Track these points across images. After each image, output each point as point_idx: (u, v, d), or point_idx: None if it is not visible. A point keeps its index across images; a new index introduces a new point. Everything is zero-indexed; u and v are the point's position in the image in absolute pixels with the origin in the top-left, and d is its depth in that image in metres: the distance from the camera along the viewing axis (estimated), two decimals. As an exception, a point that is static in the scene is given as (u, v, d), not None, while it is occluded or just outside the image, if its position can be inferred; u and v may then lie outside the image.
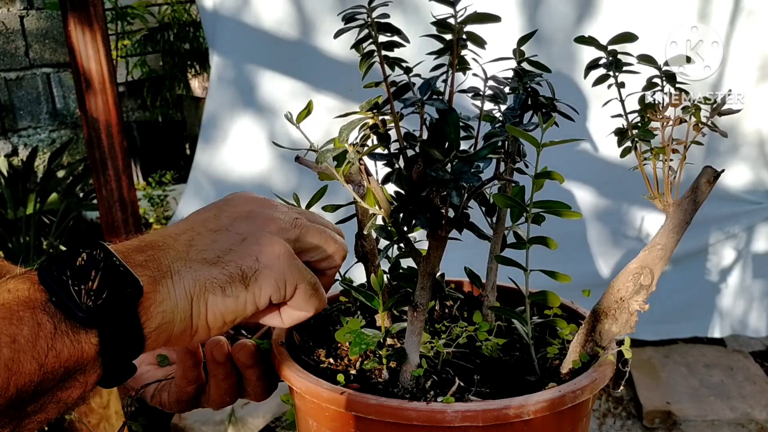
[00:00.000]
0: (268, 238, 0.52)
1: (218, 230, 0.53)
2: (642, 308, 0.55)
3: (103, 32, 2.20)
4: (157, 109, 4.00)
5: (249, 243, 0.52)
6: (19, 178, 3.02)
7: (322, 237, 0.57)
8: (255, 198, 0.57)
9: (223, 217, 0.54)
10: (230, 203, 0.56)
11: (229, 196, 0.58)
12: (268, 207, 0.56)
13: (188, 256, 0.50)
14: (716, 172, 0.54)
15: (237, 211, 0.55)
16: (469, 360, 0.62)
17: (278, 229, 0.54)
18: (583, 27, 2.05)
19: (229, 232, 0.52)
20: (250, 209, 0.55)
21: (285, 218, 0.55)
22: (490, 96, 0.60)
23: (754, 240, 2.24)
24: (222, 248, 0.51)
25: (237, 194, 0.58)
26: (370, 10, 0.49)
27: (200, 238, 0.52)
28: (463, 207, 0.52)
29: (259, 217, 0.54)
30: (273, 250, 0.52)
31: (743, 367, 2.33)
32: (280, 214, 0.56)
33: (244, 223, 0.54)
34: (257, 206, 0.56)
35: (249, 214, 0.54)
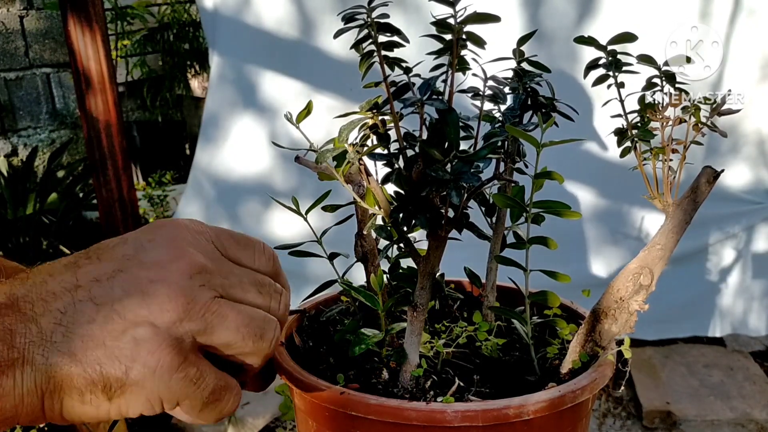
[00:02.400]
0: (149, 339, 0.40)
1: (103, 303, 0.41)
2: (642, 308, 0.55)
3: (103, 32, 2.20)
4: (157, 109, 4.00)
5: (125, 341, 0.40)
6: (18, 178, 3.02)
7: (238, 334, 0.43)
8: (174, 243, 0.43)
9: (117, 283, 0.41)
10: (140, 255, 0.43)
11: (146, 236, 0.44)
12: (182, 269, 0.42)
13: (51, 338, 0.39)
14: (716, 172, 0.54)
15: (138, 276, 0.42)
16: (468, 360, 0.62)
17: (175, 319, 0.41)
18: (584, 26, 2.05)
19: (113, 312, 0.41)
20: (154, 275, 0.42)
21: (194, 298, 0.42)
22: (489, 96, 0.60)
23: (753, 240, 2.24)
24: (94, 337, 0.40)
25: (156, 236, 0.44)
26: (369, 10, 0.49)
27: (76, 313, 0.40)
28: (463, 207, 0.52)
29: (158, 294, 0.41)
30: (149, 361, 0.40)
31: (743, 367, 2.33)
32: (190, 288, 0.42)
33: (136, 302, 0.41)
34: (167, 264, 0.42)
35: (149, 286, 0.41)
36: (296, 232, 2.22)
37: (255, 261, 0.48)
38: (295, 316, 0.68)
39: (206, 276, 0.43)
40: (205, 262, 0.43)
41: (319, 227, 0.69)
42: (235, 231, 0.48)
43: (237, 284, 0.45)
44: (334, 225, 0.70)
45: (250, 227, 2.40)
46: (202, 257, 0.43)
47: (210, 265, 0.44)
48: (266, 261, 0.48)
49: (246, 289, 0.45)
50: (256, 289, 0.46)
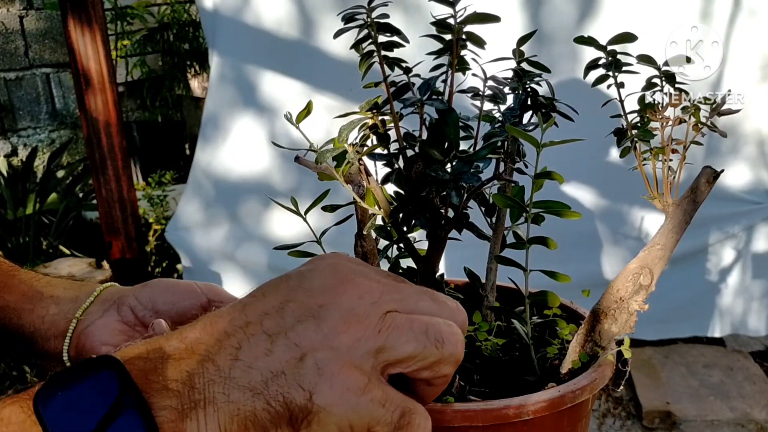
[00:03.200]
0: (331, 363, 0.39)
1: (276, 334, 0.40)
2: (641, 308, 0.55)
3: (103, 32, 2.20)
4: (157, 109, 4.00)
5: (306, 368, 0.39)
6: (18, 178, 3.02)
7: (419, 343, 0.41)
8: (337, 270, 0.42)
9: (287, 312, 0.40)
10: (304, 283, 0.42)
11: (310, 263, 0.44)
12: (349, 292, 0.41)
13: (230, 374, 0.38)
14: (715, 172, 0.54)
15: (306, 303, 0.41)
16: (468, 360, 0.62)
17: (353, 340, 0.40)
18: (584, 26, 2.05)
19: (288, 340, 0.39)
20: (322, 300, 0.41)
21: (367, 317, 0.40)
22: (489, 96, 0.60)
23: (753, 240, 2.24)
24: (272, 368, 0.39)
25: (319, 262, 0.44)
26: (369, 10, 0.49)
27: (251, 347, 0.39)
28: (463, 207, 0.52)
29: (331, 317, 0.40)
30: (334, 384, 0.39)
31: (743, 367, 2.33)
32: (362, 308, 0.41)
33: (310, 327, 0.40)
34: (333, 288, 0.41)
35: (320, 310, 0.40)
36: (296, 232, 2.22)
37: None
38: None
39: (375, 294, 0.42)
40: (371, 284, 0.42)
41: (318, 227, 0.69)
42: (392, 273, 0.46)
43: (408, 296, 0.43)
44: (334, 225, 0.70)
45: (250, 227, 2.41)
46: (366, 280, 0.42)
47: (376, 285, 0.42)
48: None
49: (418, 298, 0.43)
50: (429, 297, 0.44)
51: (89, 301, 0.67)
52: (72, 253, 2.88)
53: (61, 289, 0.69)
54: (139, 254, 2.45)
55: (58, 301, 0.68)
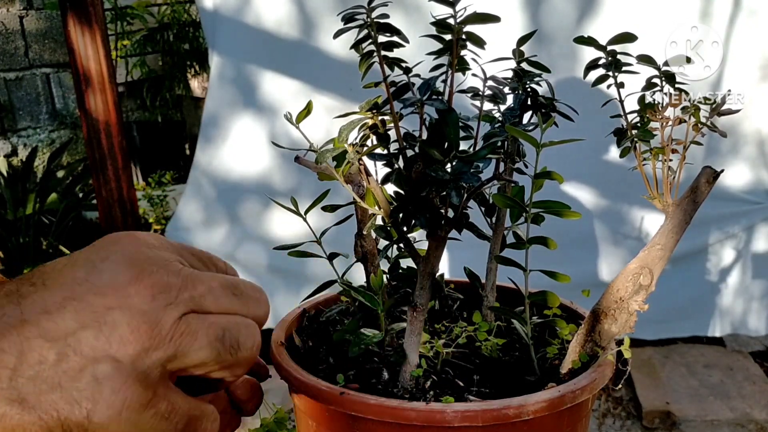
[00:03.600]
0: (111, 376, 0.36)
1: (55, 339, 0.35)
2: (641, 308, 0.55)
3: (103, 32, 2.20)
4: (157, 109, 4.00)
5: (84, 381, 0.35)
6: (18, 179, 3.02)
7: (212, 350, 0.39)
8: (131, 262, 0.38)
9: (69, 313, 0.36)
10: (93, 280, 0.37)
11: (102, 248, 0.39)
12: (142, 291, 0.37)
13: (0, 385, 0.35)
14: (715, 172, 0.54)
15: (93, 304, 0.36)
16: (468, 360, 0.62)
17: (140, 351, 0.36)
18: (585, 26, 2.05)
19: (67, 347, 0.35)
20: (111, 301, 0.37)
21: (158, 322, 0.37)
22: (489, 96, 0.60)
23: (753, 240, 2.24)
24: (48, 381, 0.35)
25: (112, 247, 0.39)
26: (369, 10, 0.49)
27: (27, 353, 0.35)
28: (463, 207, 0.52)
29: (118, 324, 0.36)
30: (114, 402, 0.36)
31: (743, 367, 2.33)
32: (155, 312, 0.37)
33: (92, 332, 0.36)
34: (124, 287, 0.37)
35: (106, 314, 0.36)
36: (296, 232, 2.22)
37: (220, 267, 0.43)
38: (296, 316, 0.68)
39: (172, 293, 0.38)
40: (168, 279, 0.38)
41: (318, 227, 0.69)
42: (195, 248, 0.44)
43: (207, 292, 0.39)
44: (334, 225, 0.70)
45: (250, 227, 2.41)
46: (164, 273, 0.38)
47: (174, 279, 0.38)
48: (224, 266, 0.43)
49: (218, 294, 0.40)
50: (230, 291, 0.41)
51: None
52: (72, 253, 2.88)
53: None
54: (139, 254, 2.45)
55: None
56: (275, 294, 2.43)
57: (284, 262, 2.35)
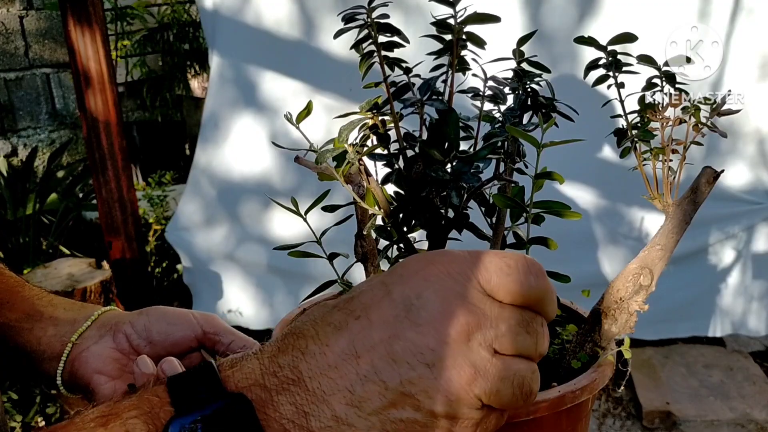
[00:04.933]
0: (446, 418, 0.39)
1: (389, 380, 0.39)
2: (641, 308, 0.55)
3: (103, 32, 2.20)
4: (157, 110, 4.00)
5: (424, 419, 0.39)
6: (18, 179, 3.02)
7: (513, 397, 0.41)
8: (445, 299, 0.40)
9: (397, 352, 0.39)
10: (411, 315, 0.39)
11: (418, 290, 0.40)
12: (458, 332, 0.39)
13: (348, 421, 0.38)
14: (716, 173, 0.54)
15: (417, 344, 0.39)
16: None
17: (464, 387, 0.39)
18: (585, 26, 2.05)
19: (402, 387, 0.39)
20: (433, 341, 0.39)
21: (475, 364, 0.39)
22: (489, 96, 0.60)
23: (753, 240, 2.24)
24: (391, 417, 0.38)
25: (424, 284, 0.40)
26: (369, 10, 0.49)
27: (365, 391, 0.38)
28: (463, 207, 0.52)
29: (443, 363, 0.39)
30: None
31: (743, 368, 2.33)
32: (470, 351, 0.39)
33: (426, 375, 0.39)
34: (442, 325, 0.39)
35: (434, 357, 0.39)
36: (296, 232, 2.22)
37: (522, 283, 0.42)
38: (295, 316, 0.68)
39: (481, 333, 0.40)
40: (477, 318, 0.40)
41: (318, 227, 0.69)
42: (502, 252, 0.43)
43: (507, 332, 0.41)
44: (334, 225, 0.70)
45: (250, 227, 2.41)
46: (472, 311, 0.40)
47: (481, 318, 0.40)
48: (534, 279, 0.43)
49: (515, 332, 0.41)
50: (524, 329, 0.42)
51: (86, 326, 0.67)
52: (72, 253, 2.88)
53: (62, 310, 0.69)
54: (139, 254, 2.45)
55: (56, 323, 0.67)
56: (275, 294, 2.43)
57: (284, 262, 2.35)
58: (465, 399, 0.39)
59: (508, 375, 0.40)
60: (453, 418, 0.39)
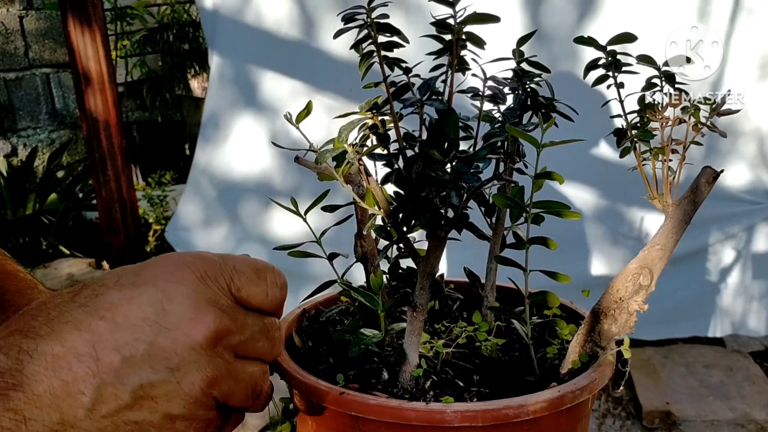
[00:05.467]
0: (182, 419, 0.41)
1: (128, 384, 0.39)
2: (641, 308, 0.55)
3: (103, 32, 2.20)
4: (157, 110, 4.00)
5: (160, 421, 0.40)
6: (18, 179, 3.02)
7: (246, 398, 0.45)
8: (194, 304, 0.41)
9: (140, 356, 0.39)
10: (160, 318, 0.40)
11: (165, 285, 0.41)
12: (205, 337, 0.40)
13: (79, 425, 0.38)
14: (715, 173, 0.54)
15: (162, 347, 0.40)
16: (468, 360, 0.62)
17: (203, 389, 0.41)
18: (585, 26, 2.05)
19: (142, 391, 0.39)
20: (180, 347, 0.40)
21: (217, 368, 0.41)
22: (489, 96, 0.60)
23: (753, 240, 2.24)
24: (125, 418, 0.39)
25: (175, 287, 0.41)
26: (369, 10, 0.49)
27: (101, 394, 0.38)
28: (463, 207, 0.52)
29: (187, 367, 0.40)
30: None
31: (743, 368, 2.33)
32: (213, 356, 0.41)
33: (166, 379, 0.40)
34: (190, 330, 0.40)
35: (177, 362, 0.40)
36: (296, 232, 2.22)
37: (268, 295, 0.46)
38: (295, 316, 0.68)
39: (226, 340, 0.42)
40: (225, 324, 0.42)
41: (318, 227, 0.69)
42: (252, 260, 0.47)
43: (249, 338, 0.44)
44: (334, 225, 0.70)
45: (250, 227, 2.41)
46: (220, 318, 0.42)
47: (228, 323, 0.42)
48: (278, 291, 0.47)
49: (256, 339, 0.45)
50: (265, 336, 0.46)
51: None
52: (72, 253, 2.88)
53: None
54: (139, 254, 2.45)
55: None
56: (275, 294, 2.42)
57: (284, 262, 2.34)
58: (203, 402, 0.41)
59: (244, 377, 0.44)
60: (189, 420, 0.41)
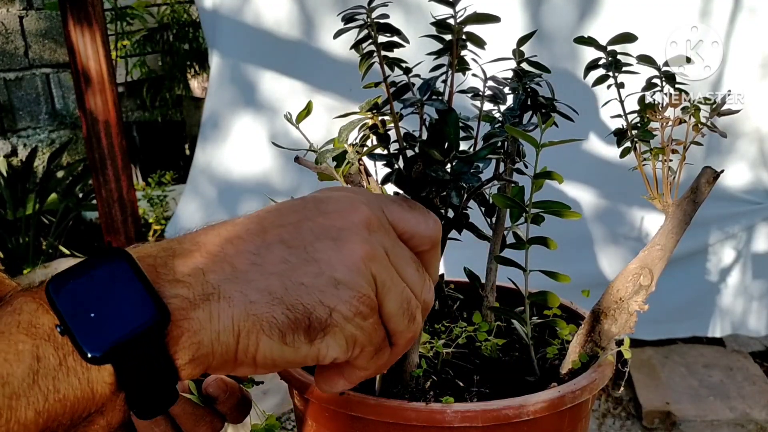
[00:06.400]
0: (348, 285, 0.41)
1: (294, 247, 0.41)
2: (641, 308, 0.55)
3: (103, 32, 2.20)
4: (157, 110, 4.00)
5: (325, 284, 0.40)
6: (18, 179, 3.01)
7: (400, 308, 0.44)
8: (350, 200, 0.43)
9: (305, 229, 0.41)
10: (320, 207, 0.43)
11: (322, 194, 0.45)
12: (362, 221, 0.42)
13: (248, 277, 0.39)
14: (715, 173, 0.54)
15: (324, 224, 0.42)
16: (468, 360, 0.62)
17: (364, 262, 0.42)
18: (585, 26, 2.05)
19: (306, 254, 0.41)
20: (339, 223, 0.42)
21: (375, 250, 0.42)
22: (489, 96, 0.60)
23: (753, 240, 2.24)
24: (293, 279, 0.40)
25: (332, 194, 0.45)
26: (369, 10, 0.49)
27: (269, 253, 0.40)
28: (463, 207, 0.52)
29: (347, 238, 0.41)
30: (350, 306, 0.41)
31: (742, 368, 2.33)
32: (371, 239, 0.42)
33: (329, 246, 0.41)
34: (348, 215, 0.42)
35: (339, 233, 0.41)
36: (296, 232, 2.21)
37: (421, 222, 0.45)
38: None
39: (380, 236, 0.43)
40: (378, 221, 0.43)
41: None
42: (406, 199, 0.47)
43: (401, 255, 0.44)
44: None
45: (249, 227, 2.40)
46: (374, 213, 0.43)
47: (382, 227, 0.43)
48: (432, 222, 0.46)
49: (408, 263, 0.44)
50: (416, 266, 0.45)
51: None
52: (72, 253, 2.88)
53: None
54: (138, 254, 2.45)
55: None
56: (275, 294, 2.42)
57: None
58: (363, 271, 0.41)
59: (398, 286, 0.43)
60: (351, 289, 0.40)
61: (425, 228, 0.45)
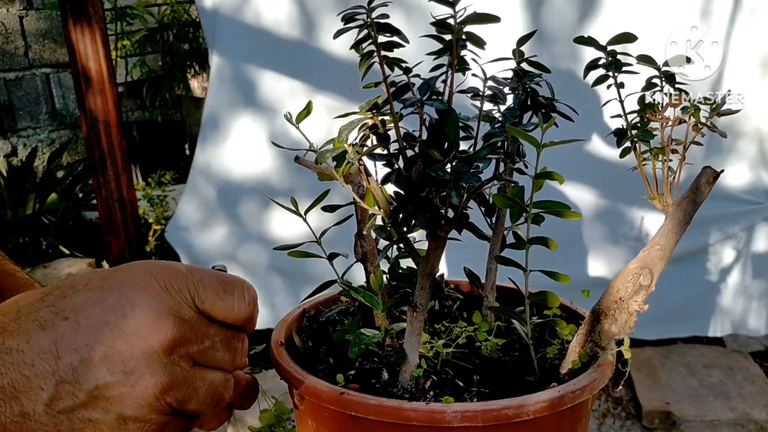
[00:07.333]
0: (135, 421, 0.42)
1: (85, 384, 0.41)
2: (641, 308, 0.55)
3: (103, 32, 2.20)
4: (157, 110, 4.00)
5: (114, 420, 0.42)
6: (18, 179, 3.01)
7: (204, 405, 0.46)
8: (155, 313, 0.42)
9: (98, 355, 0.41)
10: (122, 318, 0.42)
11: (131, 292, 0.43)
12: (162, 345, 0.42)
13: (35, 417, 0.41)
14: (715, 173, 0.54)
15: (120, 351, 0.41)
16: (468, 360, 0.62)
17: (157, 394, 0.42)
18: (585, 26, 2.05)
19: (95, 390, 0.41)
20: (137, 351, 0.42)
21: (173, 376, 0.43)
22: (489, 96, 0.60)
23: (753, 240, 2.24)
24: (81, 416, 0.41)
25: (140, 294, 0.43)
26: (369, 10, 0.49)
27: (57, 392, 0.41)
28: (463, 207, 0.52)
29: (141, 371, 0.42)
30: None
31: (742, 368, 2.33)
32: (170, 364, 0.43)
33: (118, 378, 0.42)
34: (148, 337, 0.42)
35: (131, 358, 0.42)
36: (296, 232, 2.22)
37: (234, 308, 0.47)
38: (295, 316, 0.68)
39: (184, 348, 0.44)
40: (183, 333, 0.43)
41: (318, 227, 0.69)
42: (221, 274, 0.48)
43: (210, 348, 0.46)
44: (334, 225, 0.70)
45: (250, 227, 2.40)
46: (179, 327, 0.43)
47: (188, 333, 0.44)
48: (245, 306, 0.48)
49: (216, 348, 0.46)
50: (225, 347, 0.47)
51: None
52: (72, 253, 2.88)
53: None
54: (138, 254, 2.45)
55: None
56: (275, 294, 2.42)
57: (284, 262, 2.35)
58: (156, 406, 0.42)
59: (203, 384, 0.45)
60: (141, 422, 0.42)
61: (237, 314, 0.47)
